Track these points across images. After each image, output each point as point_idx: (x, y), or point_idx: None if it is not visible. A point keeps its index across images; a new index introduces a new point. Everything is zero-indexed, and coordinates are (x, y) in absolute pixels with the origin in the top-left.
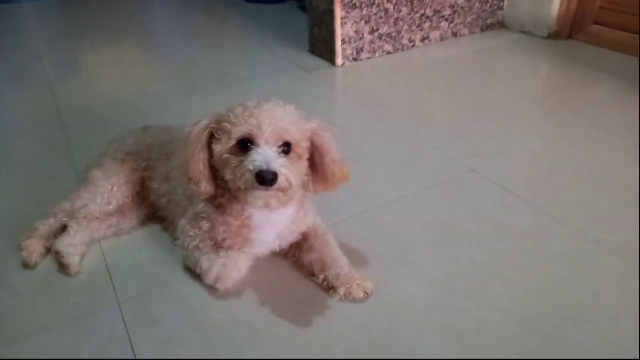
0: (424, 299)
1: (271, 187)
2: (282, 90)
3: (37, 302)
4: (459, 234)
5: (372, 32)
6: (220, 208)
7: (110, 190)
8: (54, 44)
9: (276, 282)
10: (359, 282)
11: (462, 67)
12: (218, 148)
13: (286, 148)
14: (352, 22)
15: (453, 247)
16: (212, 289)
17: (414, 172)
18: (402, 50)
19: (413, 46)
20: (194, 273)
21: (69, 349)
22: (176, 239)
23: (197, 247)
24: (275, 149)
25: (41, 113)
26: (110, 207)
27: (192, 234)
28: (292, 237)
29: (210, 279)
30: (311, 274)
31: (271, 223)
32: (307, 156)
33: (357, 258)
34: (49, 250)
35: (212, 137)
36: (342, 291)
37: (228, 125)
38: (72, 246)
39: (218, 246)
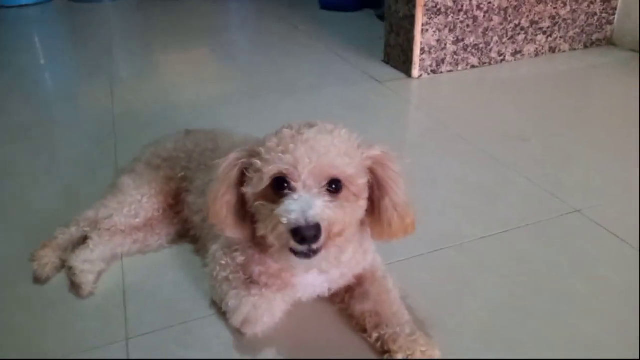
0: None
1: (315, 243)
2: (350, 102)
3: (39, 323)
4: (559, 293)
5: (456, 41)
6: (258, 245)
7: (139, 200)
8: (125, 42)
9: (316, 333)
10: (423, 348)
11: (560, 87)
12: (249, 191)
13: (333, 186)
14: (434, 29)
15: (551, 313)
16: (238, 332)
17: (499, 207)
18: (489, 64)
19: (502, 60)
20: (220, 309)
21: None
22: (205, 265)
23: (226, 278)
24: (316, 190)
25: (97, 111)
26: (137, 220)
27: (223, 262)
28: (344, 281)
29: (236, 320)
30: (362, 329)
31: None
32: (366, 194)
33: (420, 313)
34: (64, 263)
35: (244, 175)
36: (400, 357)
37: (259, 162)
38: (88, 262)
39: (252, 282)
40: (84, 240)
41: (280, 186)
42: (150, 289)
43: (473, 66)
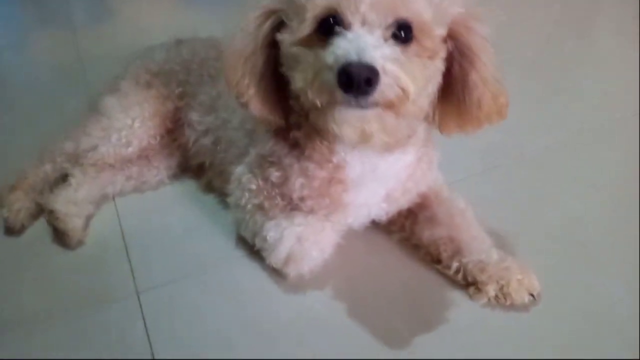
0: (622, 302)
1: (367, 95)
2: None
3: (21, 283)
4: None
5: None
6: (296, 148)
7: (129, 125)
8: None
9: (376, 270)
10: (519, 276)
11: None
12: (286, 37)
13: (402, 33)
14: None
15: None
16: (277, 273)
17: (563, 115)
18: None
19: None
20: (252, 248)
21: (61, 350)
22: (226, 196)
23: (259, 206)
24: (379, 31)
25: (62, 58)
26: (130, 150)
27: (253, 186)
28: (406, 200)
29: (278, 257)
30: (435, 259)
31: (377, 176)
32: (443, 54)
33: (494, 235)
34: (42, 209)
35: (275, 29)
36: (491, 290)
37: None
38: (72, 204)
39: (292, 208)
40: (63, 178)
41: (329, 29)
42: (155, 234)
43: None
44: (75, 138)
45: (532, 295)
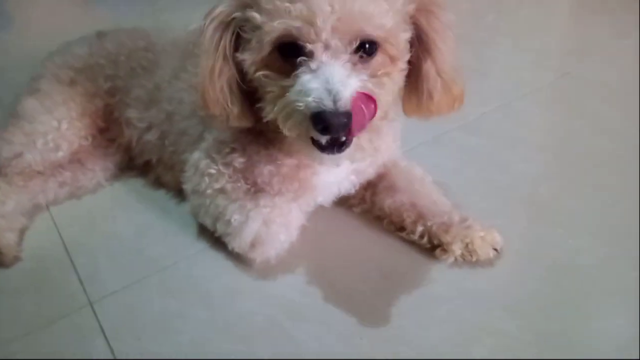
0: (586, 250)
1: (343, 135)
2: None
3: None
4: (584, 152)
5: None
6: (261, 137)
7: (56, 128)
8: None
9: (343, 245)
10: (481, 234)
11: None
12: (246, 58)
13: (367, 47)
14: None
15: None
16: (242, 261)
17: (493, 82)
18: None
19: None
20: (212, 238)
21: None
22: (178, 190)
23: (221, 190)
24: (345, 56)
25: None
26: (60, 154)
27: (212, 171)
28: (373, 170)
29: (243, 241)
30: (398, 227)
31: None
32: (407, 56)
33: (452, 199)
34: None
35: (238, 37)
36: (457, 249)
37: (257, 16)
38: (1, 218)
39: (257, 190)
40: None
41: (291, 50)
42: (101, 239)
43: None
44: None
45: (495, 249)
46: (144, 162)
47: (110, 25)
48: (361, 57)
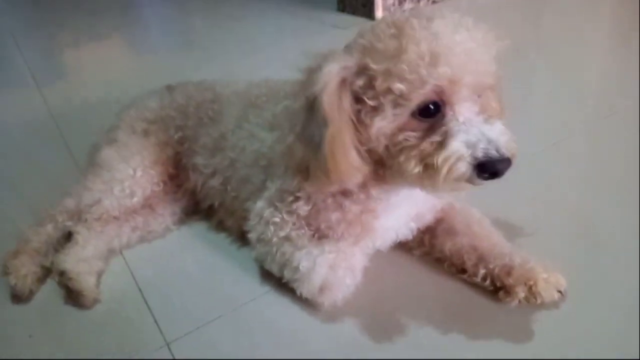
0: None
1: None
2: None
3: (40, 350)
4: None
5: None
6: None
7: (131, 175)
8: (28, 39)
9: (405, 288)
10: (544, 275)
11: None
12: (379, 124)
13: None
14: None
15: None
16: (308, 304)
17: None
18: None
19: None
20: (277, 282)
21: None
22: (239, 234)
23: (286, 238)
24: (477, 107)
25: (32, 118)
26: (134, 200)
27: (277, 219)
28: (432, 215)
29: (311, 286)
30: (459, 270)
31: (408, 201)
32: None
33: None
34: (49, 271)
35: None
36: (520, 291)
37: (399, 85)
38: (83, 262)
39: (320, 236)
40: (66, 238)
41: (426, 110)
42: (173, 281)
43: (434, 1)
44: (76, 194)
45: (559, 291)
46: (208, 206)
47: (158, 75)
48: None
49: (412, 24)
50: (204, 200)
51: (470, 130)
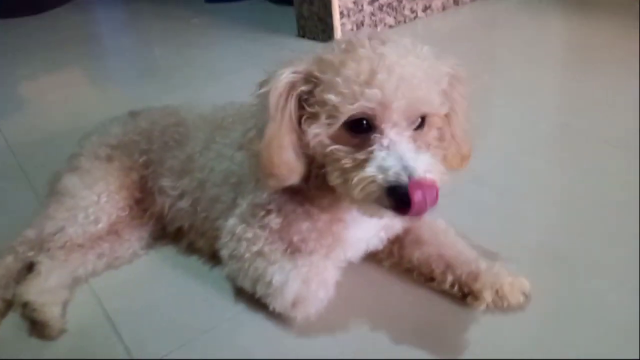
0: (608, 293)
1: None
2: None
3: None
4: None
5: (371, 1)
6: (297, 195)
7: (96, 201)
8: None
9: (377, 299)
10: (509, 279)
11: (471, 37)
12: (317, 131)
13: (419, 123)
14: None
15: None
16: (282, 320)
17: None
18: (405, 22)
19: (415, 17)
20: (251, 300)
21: None
22: (210, 255)
23: (259, 253)
24: (407, 133)
25: None
26: (100, 226)
27: (249, 235)
28: (400, 225)
29: (284, 301)
30: (428, 278)
31: None
32: (440, 124)
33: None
34: (9, 304)
35: (300, 105)
36: (487, 296)
37: (333, 97)
38: (47, 292)
39: (293, 250)
40: (28, 269)
41: (358, 126)
42: (142, 308)
43: (390, 26)
44: (37, 224)
45: (524, 294)
46: (176, 229)
47: (119, 104)
48: (415, 130)
49: (363, 43)
50: (172, 223)
51: (391, 155)
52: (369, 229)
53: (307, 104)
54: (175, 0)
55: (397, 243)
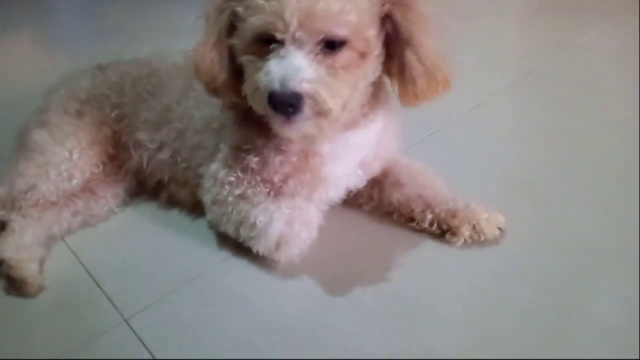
0: (578, 221)
1: (293, 115)
2: None
3: None
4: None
5: None
6: (266, 129)
7: (67, 158)
8: None
9: (359, 241)
10: (485, 215)
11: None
12: (235, 42)
13: (333, 43)
14: None
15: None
16: (266, 263)
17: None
18: None
19: None
20: (234, 248)
21: None
22: (198, 203)
23: (242, 196)
24: (309, 47)
25: None
26: (74, 182)
27: (232, 178)
28: (378, 165)
29: (268, 242)
30: (408, 219)
31: (351, 147)
32: (377, 51)
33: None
34: None
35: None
36: (465, 231)
37: (241, 10)
38: (23, 249)
39: (276, 193)
40: (1, 228)
41: (267, 40)
42: (123, 262)
43: None
44: (7, 182)
45: (499, 228)
46: (155, 183)
47: (79, 64)
48: (326, 51)
49: None
50: (151, 177)
51: (278, 64)
52: (346, 167)
53: (235, 20)
54: None
55: (376, 186)
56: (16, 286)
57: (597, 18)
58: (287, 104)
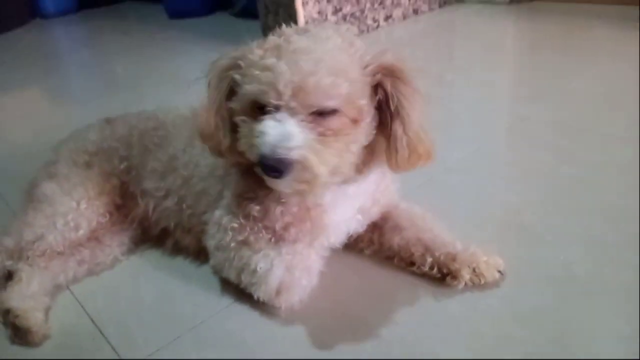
0: (576, 262)
1: (282, 177)
2: None
3: None
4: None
5: (335, 11)
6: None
7: (75, 208)
8: None
9: (360, 286)
10: (484, 258)
11: (432, 41)
12: (233, 106)
13: (324, 112)
14: (313, 1)
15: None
16: (267, 310)
17: (462, 130)
18: (367, 31)
19: (377, 26)
20: (237, 293)
21: None
22: (203, 249)
23: (244, 242)
24: (302, 116)
25: None
26: (80, 232)
27: (235, 225)
28: (376, 210)
29: (269, 288)
30: (408, 263)
31: (349, 196)
32: (369, 117)
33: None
34: None
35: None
36: (465, 274)
37: (239, 78)
38: (29, 298)
39: (277, 239)
40: (7, 278)
41: (263, 106)
42: (127, 310)
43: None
44: (15, 232)
45: (499, 271)
46: (160, 230)
47: (86, 119)
48: (318, 118)
49: (285, 32)
50: (157, 224)
51: (276, 126)
52: (345, 212)
53: (235, 85)
54: (137, 15)
55: (376, 231)
56: (21, 335)
57: (588, 65)
58: (275, 169)
